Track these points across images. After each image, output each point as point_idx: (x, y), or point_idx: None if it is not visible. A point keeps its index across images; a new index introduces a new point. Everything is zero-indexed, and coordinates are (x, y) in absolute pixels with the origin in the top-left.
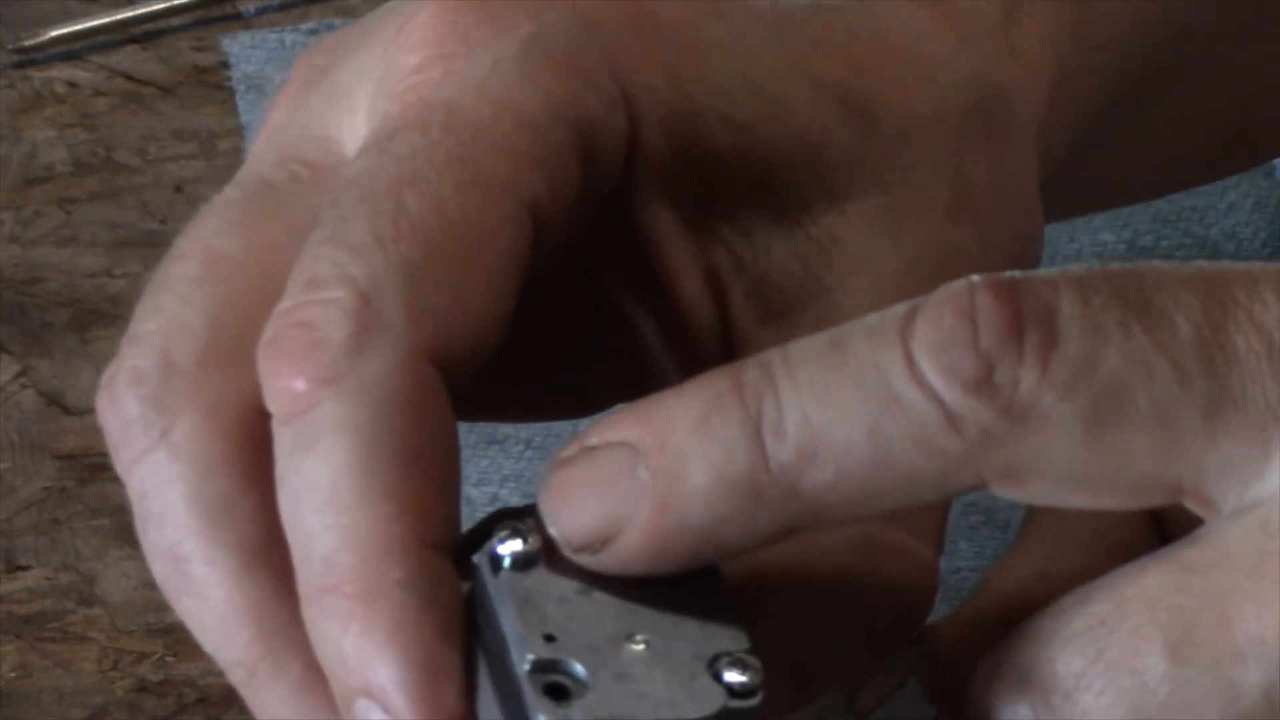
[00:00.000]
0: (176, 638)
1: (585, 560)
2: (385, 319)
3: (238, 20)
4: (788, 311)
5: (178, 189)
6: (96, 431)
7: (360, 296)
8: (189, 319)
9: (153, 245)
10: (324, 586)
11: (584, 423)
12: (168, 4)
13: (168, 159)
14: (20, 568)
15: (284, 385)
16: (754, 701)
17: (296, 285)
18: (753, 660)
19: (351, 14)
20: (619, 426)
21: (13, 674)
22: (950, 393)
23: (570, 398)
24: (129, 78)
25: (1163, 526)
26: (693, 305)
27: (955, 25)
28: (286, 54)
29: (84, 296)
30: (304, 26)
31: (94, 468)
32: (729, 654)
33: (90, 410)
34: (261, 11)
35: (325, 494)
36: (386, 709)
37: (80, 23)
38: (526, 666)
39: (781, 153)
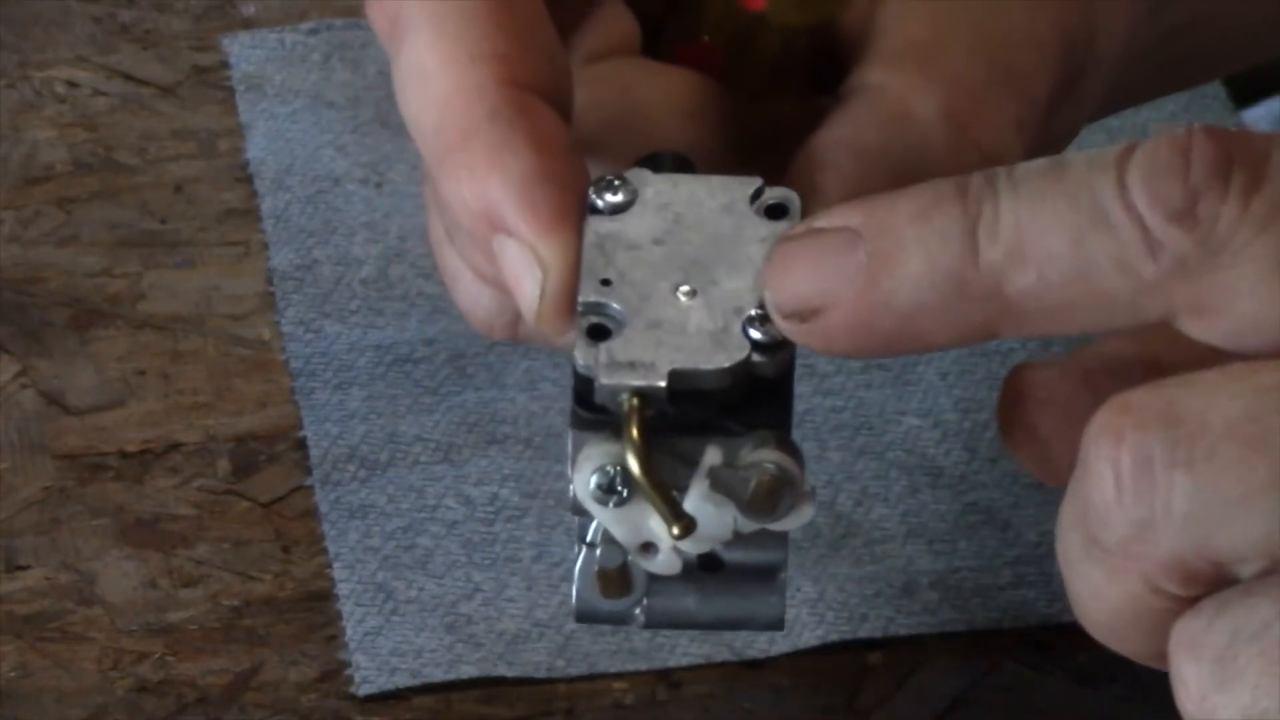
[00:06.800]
0: (176, 638)
1: (791, 328)
2: None
3: (238, 20)
4: None
5: (178, 189)
6: (96, 431)
7: None
8: None
9: (153, 245)
10: (439, 155)
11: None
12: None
13: (168, 159)
14: (20, 568)
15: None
16: (779, 355)
17: None
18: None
19: (351, 14)
20: (846, 213)
21: (13, 674)
22: (1153, 218)
23: None
24: (129, 78)
25: None
26: None
27: None
28: (286, 54)
29: (84, 296)
30: (304, 26)
31: (94, 467)
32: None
33: (90, 410)
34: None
35: (418, 73)
36: (506, 229)
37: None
38: (579, 308)
39: None
